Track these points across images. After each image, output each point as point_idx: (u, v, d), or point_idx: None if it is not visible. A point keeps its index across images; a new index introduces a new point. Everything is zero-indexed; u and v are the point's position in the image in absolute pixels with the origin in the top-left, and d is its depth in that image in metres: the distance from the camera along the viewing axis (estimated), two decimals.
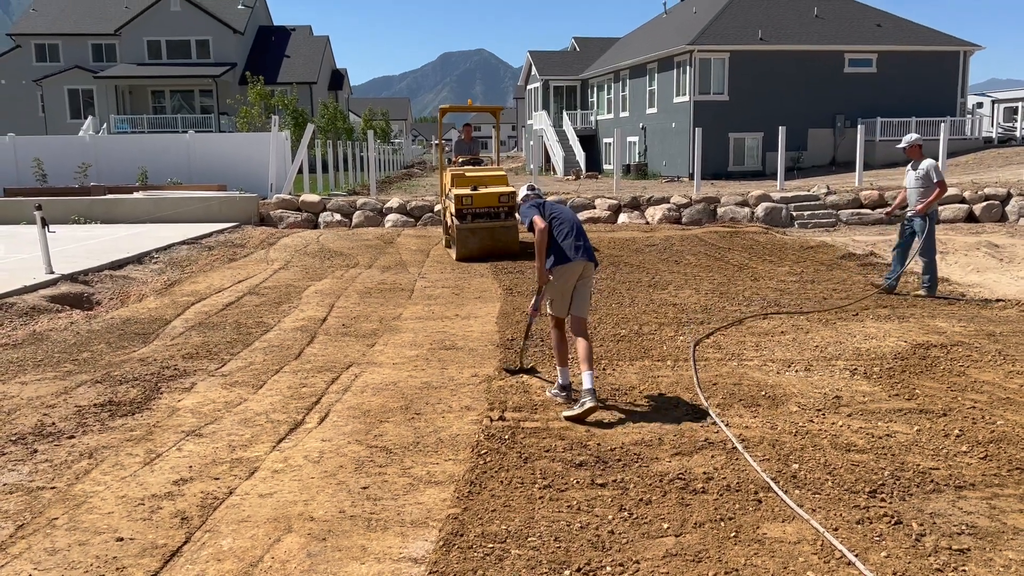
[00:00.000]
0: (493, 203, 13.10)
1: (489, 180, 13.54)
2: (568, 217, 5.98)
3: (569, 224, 5.90)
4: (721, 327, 8.15)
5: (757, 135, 33.25)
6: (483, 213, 13.08)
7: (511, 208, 13.24)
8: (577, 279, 5.85)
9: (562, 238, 5.81)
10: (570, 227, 5.87)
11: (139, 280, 11.60)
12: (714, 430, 5.25)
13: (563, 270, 5.81)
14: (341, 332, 8.32)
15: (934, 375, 6.44)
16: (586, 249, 5.86)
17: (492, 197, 13.10)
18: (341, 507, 4.17)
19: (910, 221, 10.04)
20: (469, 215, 13.01)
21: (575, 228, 5.90)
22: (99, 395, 6.08)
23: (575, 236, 5.85)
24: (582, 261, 5.80)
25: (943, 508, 4.08)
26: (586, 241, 5.92)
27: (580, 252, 5.80)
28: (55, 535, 3.86)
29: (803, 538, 3.78)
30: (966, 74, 34.85)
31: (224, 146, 23.86)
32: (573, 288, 5.88)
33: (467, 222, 13.02)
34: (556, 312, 5.96)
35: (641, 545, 3.73)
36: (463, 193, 13.00)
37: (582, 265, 5.82)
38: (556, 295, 5.91)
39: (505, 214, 13.25)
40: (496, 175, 13.88)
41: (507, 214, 13.28)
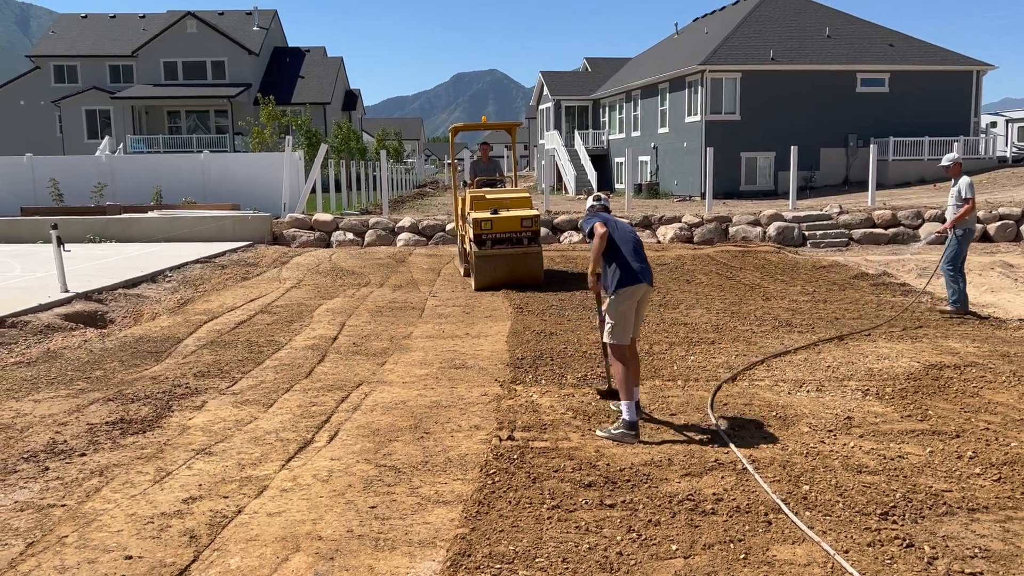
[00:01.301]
0: (515, 227, 12.05)
1: (511, 203, 12.41)
2: (632, 236, 5.76)
3: (633, 242, 5.70)
4: (767, 358, 7.72)
5: (769, 154, 33.23)
6: (504, 239, 12.05)
7: (535, 233, 12.21)
8: (637, 302, 5.70)
9: (629, 257, 5.61)
10: (634, 245, 5.69)
11: (152, 299, 11.67)
12: (724, 451, 5.22)
13: (628, 292, 5.59)
14: (352, 351, 8.35)
15: (947, 396, 6.39)
16: (649, 271, 5.72)
17: (514, 221, 12.04)
18: (349, 526, 4.17)
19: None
20: (489, 241, 12.00)
21: (639, 247, 5.73)
22: (111, 413, 6.12)
23: (640, 256, 5.68)
24: (645, 284, 5.66)
25: (956, 531, 4.04)
26: (647, 262, 5.77)
27: (646, 275, 5.66)
28: (64, 553, 3.87)
29: (813, 560, 3.74)
30: (979, 93, 34.77)
31: (238, 166, 24.09)
32: (635, 311, 5.69)
33: (486, 248, 12.03)
34: (619, 339, 5.59)
35: (650, 567, 3.71)
36: (482, 217, 12.00)
37: (644, 288, 5.69)
38: (619, 319, 5.59)
39: (529, 239, 12.15)
40: (519, 197, 12.71)
41: (531, 239, 12.19)
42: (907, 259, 15.57)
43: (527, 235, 12.12)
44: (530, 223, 12.09)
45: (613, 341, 5.64)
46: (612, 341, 5.65)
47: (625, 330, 5.64)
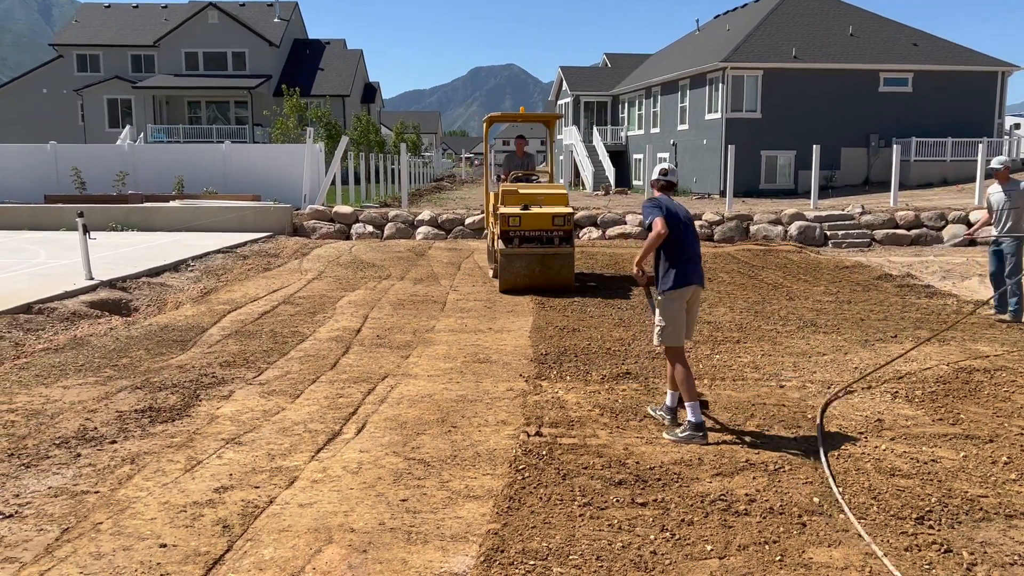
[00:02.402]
0: (546, 225, 11.14)
1: (545, 199, 11.53)
2: (692, 232, 5.50)
3: (691, 240, 5.46)
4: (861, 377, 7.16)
5: (789, 153, 33.00)
6: (533, 237, 11.15)
7: (567, 233, 11.30)
8: (687, 302, 5.52)
9: (684, 256, 5.40)
10: (691, 243, 5.46)
11: (176, 288, 11.73)
12: (754, 451, 5.18)
13: (679, 293, 5.40)
14: (375, 343, 8.35)
15: (978, 400, 6.32)
16: (701, 272, 5.55)
17: (545, 218, 11.15)
18: (381, 519, 4.17)
19: (999, 244, 9.66)
20: (516, 238, 11.13)
21: (695, 243, 5.50)
22: (139, 401, 6.15)
23: (695, 254, 5.48)
24: (695, 285, 5.50)
25: (994, 537, 3.99)
26: (700, 259, 5.58)
27: (697, 276, 5.48)
28: (100, 539, 3.89)
29: (850, 564, 3.71)
30: (1004, 94, 34.38)
31: (259, 157, 24.15)
32: (687, 311, 5.51)
33: (513, 246, 11.16)
34: (671, 341, 5.41)
35: (685, 567, 3.69)
36: (510, 212, 11.15)
37: (694, 289, 5.51)
38: (670, 321, 5.41)
39: (560, 239, 11.22)
40: (554, 193, 11.75)
41: (563, 239, 11.25)
42: (931, 261, 15.43)
43: (559, 234, 11.20)
44: (562, 221, 11.21)
45: (666, 343, 5.48)
46: (664, 343, 5.48)
47: (677, 332, 5.45)
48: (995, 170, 9.67)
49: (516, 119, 13.93)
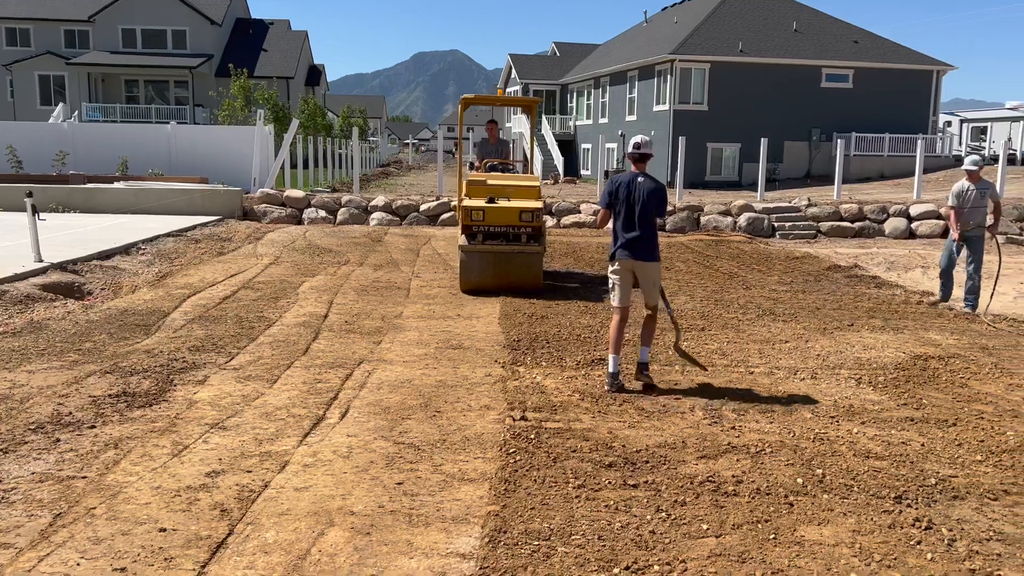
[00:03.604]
0: (512, 221, 10.23)
1: (514, 191, 10.58)
2: (628, 204, 6.34)
3: (625, 213, 6.35)
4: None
5: (735, 146, 33.69)
6: (498, 233, 10.28)
7: (536, 230, 10.36)
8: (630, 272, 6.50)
9: (619, 230, 6.46)
10: (626, 216, 6.34)
11: (129, 271, 11.44)
12: (734, 434, 5.34)
13: (615, 266, 6.54)
14: (345, 329, 8.30)
15: (937, 386, 6.60)
16: (631, 246, 6.39)
17: (511, 213, 10.22)
18: (380, 502, 4.18)
19: (967, 239, 10.01)
20: (480, 234, 10.26)
21: (631, 215, 6.32)
22: (111, 386, 6.01)
23: (630, 228, 6.36)
24: (629, 260, 6.45)
25: (968, 515, 4.21)
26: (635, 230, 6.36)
27: (628, 250, 6.42)
28: (96, 524, 3.82)
29: (840, 540, 3.87)
30: (938, 93, 35.65)
31: (206, 138, 23.61)
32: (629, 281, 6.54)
33: (475, 243, 10.29)
34: (612, 302, 6.67)
35: (684, 545, 3.80)
36: (474, 206, 10.25)
37: (630, 263, 6.46)
38: (611, 285, 6.66)
39: (528, 236, 10.31)
40: (525, 185, 10.80)
41: (531, 237, 10.32)
42: (875, 252, 15.97)
43: (526, 231, 10.28)
44: (531, 217, 10.24)
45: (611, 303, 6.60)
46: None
47: (613, 296, 6.58)
48: (971, 171, 10.04)
49: (494, 102, 13.02)
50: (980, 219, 10.02)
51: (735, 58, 33.34)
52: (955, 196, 10.10)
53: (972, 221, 10.00)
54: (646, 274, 6.46)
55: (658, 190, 6.35)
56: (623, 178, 6.40)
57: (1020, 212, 18.77)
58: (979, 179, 10.00)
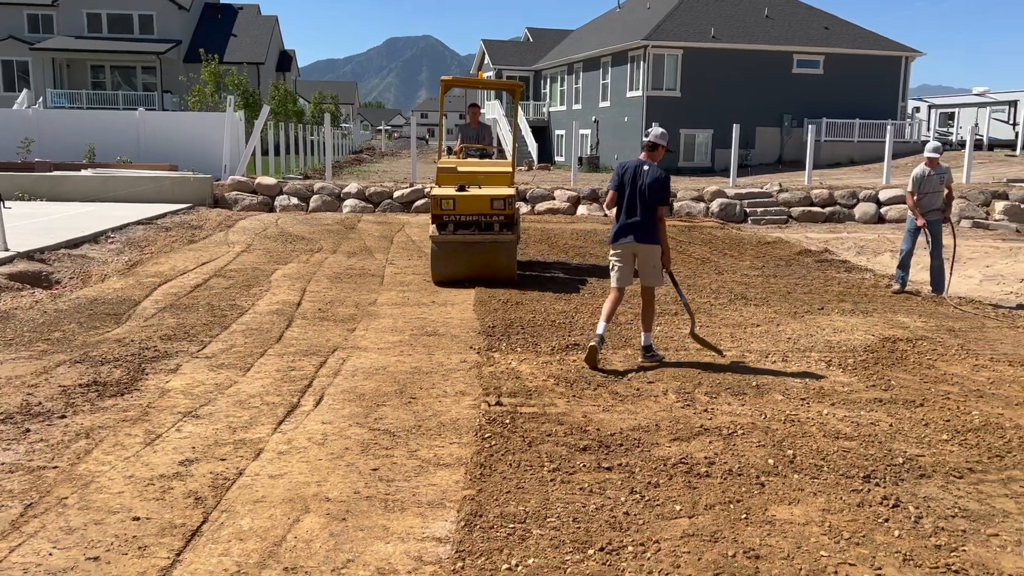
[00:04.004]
0: (483, 209, 9.89)
1: (485, 178, 10.32)
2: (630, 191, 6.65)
3: (627, 199, 6.69)
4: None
5: (707, 132, 33.85)
6: (470, 222, 9.94)
7: (509, 218, 10.00)
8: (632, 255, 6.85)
9: (620, 216, 6.80)
10: (627, 202, 6.69)
11: (98, 260, 11.29)
12: (707, 417, 5.40)
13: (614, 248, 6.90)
14: (319, 316, 8.27)
15: (905, 367, 6.72)
16: (628, 230, 6.72)
17: (482, 201, 9.89)
18: (355, 488, 4.19)
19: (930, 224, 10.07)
20: (451, 224, 9.93)
21: (634, 202, 6.64)
22: (81, 375, 5.95)
23: (630, 213, 6.68)
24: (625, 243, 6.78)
25: (935, 493, 4.30)
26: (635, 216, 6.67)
27: (623, 234, 6.76)
28: (68, 514, 3.79)
29: (811, 519, 3.94)
30: (907, 79, 36.05)
31: (175, 125, 23.31)
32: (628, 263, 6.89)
33: (446, 233, 9.95)
34: (612, 283, 7.00)
35: (658, 526, 3.85)
36: (444, 194, 9.95)
37: (625, 247, 6.80)
38: (610, 268, 7.04)
39: (501, 225, 9.96)
40: (497, 172, 10.59)
41: (504, 226, 9.98)
42: (845, 237, 16.16)
43: (499, 219, 9.93)
44: (503, 204, 9.89)
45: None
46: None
47: (613, 276, 6.92)
48: (932, 158, 10.07)
49: (475, 85, 12.49)
50: (939, 204, 10.16)
51: (707, 44, 33.46)
52: (915, 182, 10.17)
53: (931, 206, 10.12)
54: (646, 257, 6.75)
55: (660, 179, 6.63)
56: (630, 164, 6.78)
57: (986, 197, 19.07)
58: (938, 165, 10.11)
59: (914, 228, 10.25)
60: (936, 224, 10.11)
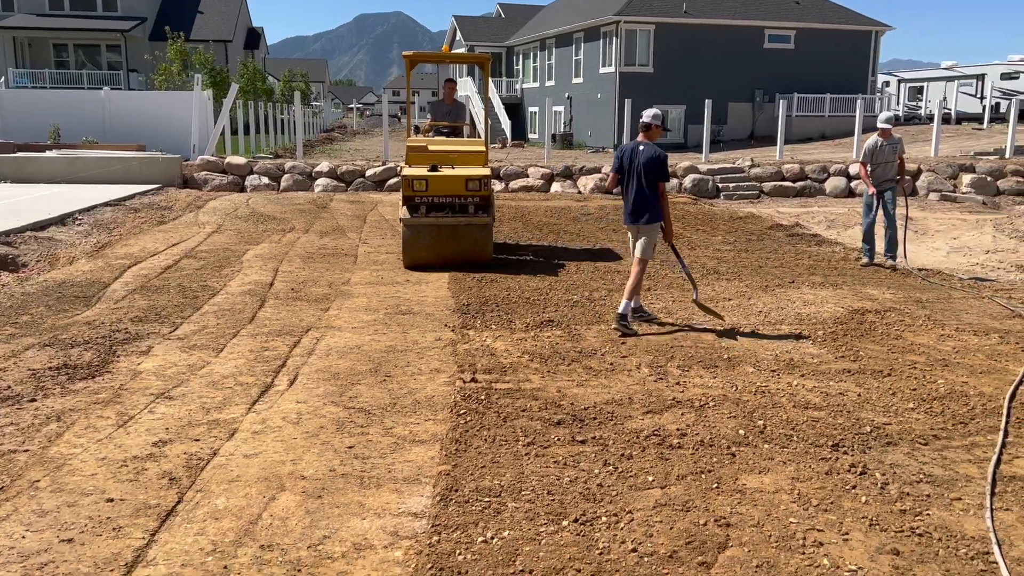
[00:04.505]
0: (458, 190, 9.52)
1: (458, 158, 9.94)
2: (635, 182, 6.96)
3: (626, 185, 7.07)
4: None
5: (680, 108, 33.88)
6: (443, 204, 9.58)
7: (484, 200, 9.63)
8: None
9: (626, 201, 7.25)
10: (626, 188, 7.08)
11: (66, 242, 11.12)
12: (679, 390, 5.47)
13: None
14: (291, 296, 8.22)
15: (874, 338, 6.83)
16: (628, 214, 7.09)
17: (456, 182, 9.51)
18: (331, 466, 4.20)
19: (881, 194, 10.23)
20: (423, 206, 9.57)
21: (630, 189, 7.00)
22: (51, 359, 5.88)
23: (628, 198, 7.06)
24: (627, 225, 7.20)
25: (901, 460, 4.39)
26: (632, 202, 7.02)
27: (626, 218, 7.16)
28: (40, 497, 3.77)
29: (780, 488, 4.02)
30: (877, 53, 36.28)
31: (142, 104, 22.91)
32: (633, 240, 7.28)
33: (418, 215, 9.58)
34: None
35: (631, 496, 3.90)
36: (415, 175, 9.51)
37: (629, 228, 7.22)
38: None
39: (476, 207, 9.62)
40: (470, 151, 10.18)
41: (479, 207, 9.63)
42: (816, 211, 16.31)
43: (474, 201, 9.57)
44: (477, 185, 9.50)
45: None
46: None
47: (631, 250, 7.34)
48: (884, 129, 10.18)
49: (441, 60, 11.73)
50: (891, 174, 10.32)
51: (680, 19, 33.42)
52: (867, 153, 10.33)
53: (884, 176, 10.28)
54: (643, 232, 7.12)
55: (654, 158, 6.85)
56: (628, 146, 7.08)
57: (954, 170, 19.31)
58: (890, 136, 10.25)
59: (868, 199, 10.37)
60: (891, 193, 10.29)
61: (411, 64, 10.75)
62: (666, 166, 6.93)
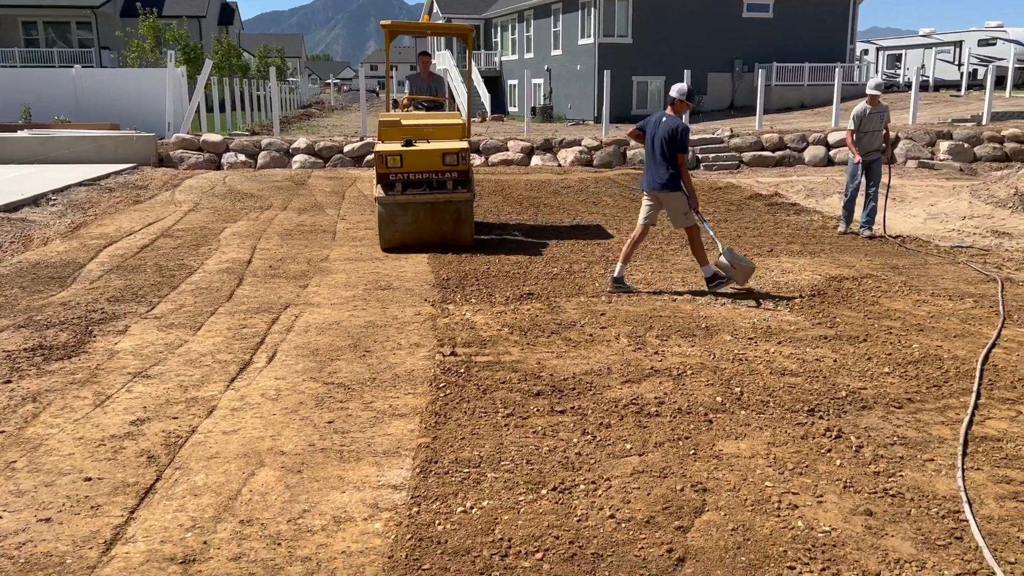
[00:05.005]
0: (435, 166, 9.05)
1: (434, 131, 9.49)
2: (649, 145, 7.25)
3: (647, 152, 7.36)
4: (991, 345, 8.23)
5: (659, 79, 33.75)
6: (420, 180, 9.11)
7: (464, 174, 9.16)
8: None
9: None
10: (646, 155, 7.41)
11: (40, 223, 10.98)
12: (658, 359, 5.50)
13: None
14: (270, 274, 8.18)
15: (850, 304, 6.89)
16: (647, 180, 7.37)
17: (433, 156, 9.05)
18: (310, 441, 4.20)
19: (868, 163, 10.10)
20: (399, 183, 9.08)
21: (649, 155, 7.28)
22: (26, 340, 5.83)
23: (647, 164, 7.39)
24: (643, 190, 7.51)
25: (875, 423, 4.45)
26: (650, 170, 7.31)
27: (645, 183, 7.41)
28: (17, 477, 3.75)
29: (756, 452, 4.06)
30: (855, 21, 36.24)
31: (115, 82, 22.53)
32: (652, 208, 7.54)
33: (394, 193, 9.10)
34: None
35: (609, 464, 3.94)
36: (389, 150, 9.03)
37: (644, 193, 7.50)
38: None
39: (455, 183, 9.16)
40: (447, 124, 9.71)
41: (458, 183, 9.17)
42: (795, 180, 16.37)
43: (452, 176, 9.11)
44: (455, 160, 9.06)
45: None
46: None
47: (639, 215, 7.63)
48: (873, 95, 9.98)
49: (421, 31, 11.18)
50: (878, 143, 10.21)
51: None
52: (855, 119, 10.14)
53: (871, 146, 10.17)
54: (668, 203, 7.34)
55: (672, 130, 7.05)
56: (654, 116, 7.32)
57: (931, 137, 19.41)
58: (878, 103, 10.11)
59: (853, 168, 10.26)
60: (876, 164, 10.20)
61: (390, 35, 10.35)
62: (684, 139, 7.07)
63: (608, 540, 3.27)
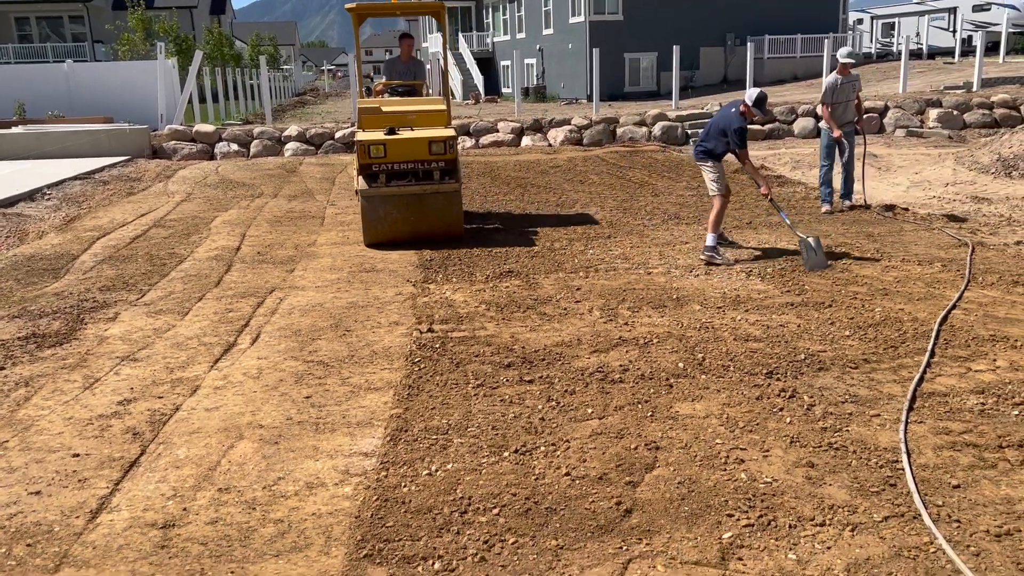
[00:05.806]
0: (421, 155, 8.60)
1: (417, 118, 9.04)
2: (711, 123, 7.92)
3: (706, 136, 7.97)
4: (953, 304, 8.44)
5: (651, 55, 33.74)
6: (405, 171, 8.64)
7: (451, 163, 8.72)
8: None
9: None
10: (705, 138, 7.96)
11: (35, 217, 11.19)
12: (627, 329, 5.70)
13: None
14: (257, 260, 8.38)
15: (822, 272, 7.07)
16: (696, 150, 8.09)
17: (418, 145, 8.59)
18: (288, 415, 4.42)
19: (846, 136, 9.98)
20: (382, 174, 8.61)
21: (706, 132, 7.93)
22: (20, 329, 6.04)
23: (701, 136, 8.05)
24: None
25: (830, 383, 4.65)
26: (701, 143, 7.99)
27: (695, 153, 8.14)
28: (9, 456, 3.97)
29: (711, 413, 4.27)
30: None
31: (107, 76, 22.67)
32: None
33: (377, 185, 8.62)
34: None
35: (570, 428, 4.15)
36: (371, 139, 8.59)
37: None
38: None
39: (442, 173, 8.70)
40: (431, 110, 9.25)
41: (445, 173, 8.72)
42: (783, 152, 16.49)
43: (439, 165, 8.65)
44: (442, 148, 8.61)
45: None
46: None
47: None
48: (846, 63, 9.80)
49: (387, 11, 10.67)
50: (850, 115, 10.02)
51: None
52: (828, 91, 9.89)
53: (845, 118, 9.98)
54: (703, 172, 8.14)
55: (724, 117, 7.67)
56: (727, 105, 7.88)
57: (920, 105, 19.48)
58: (850, 72, 9.93)
59: (829, 143, 10.07)
60: (850, 136, 10.09)
61: (358, 18, 9.93)
62: (727, 135, 7.57)
63: (562, 496, 3.48)
